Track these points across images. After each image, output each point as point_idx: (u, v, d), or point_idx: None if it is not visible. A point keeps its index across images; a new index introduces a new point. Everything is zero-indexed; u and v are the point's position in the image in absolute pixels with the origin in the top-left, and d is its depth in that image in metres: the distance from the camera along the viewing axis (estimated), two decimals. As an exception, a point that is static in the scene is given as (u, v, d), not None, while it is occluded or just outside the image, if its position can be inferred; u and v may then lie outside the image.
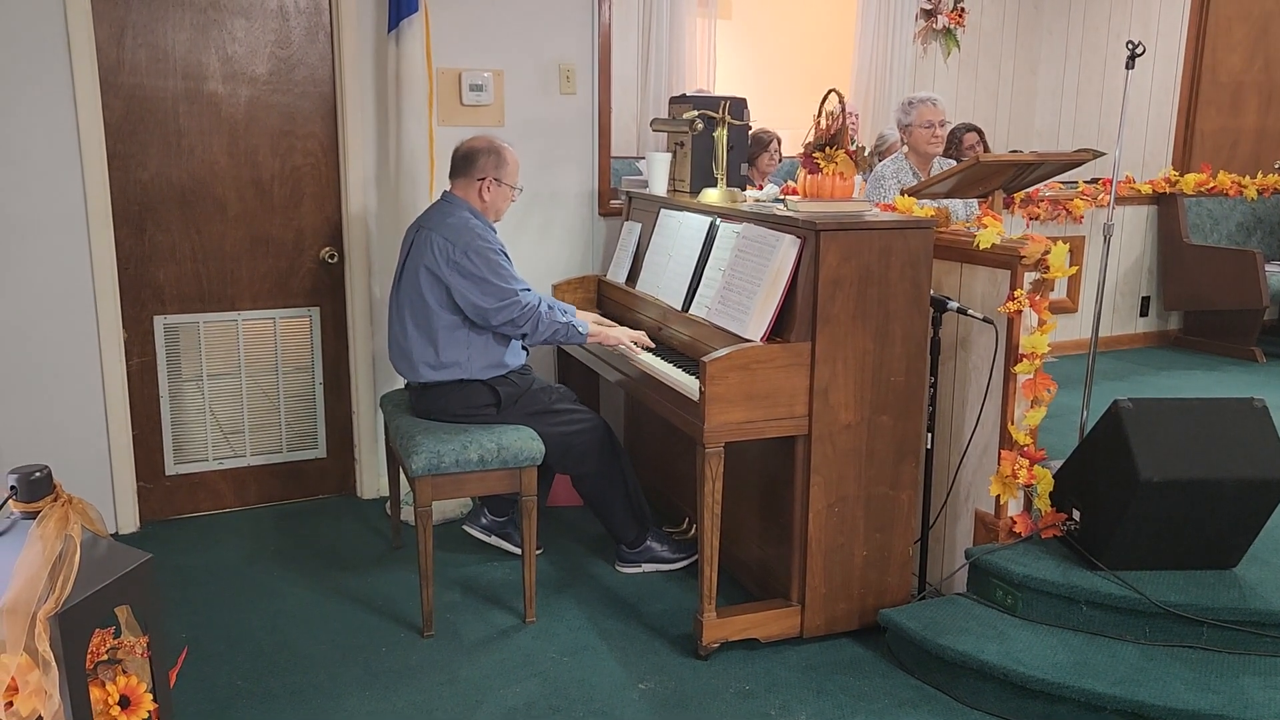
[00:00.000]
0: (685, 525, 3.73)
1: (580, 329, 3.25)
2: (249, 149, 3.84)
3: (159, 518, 3.93)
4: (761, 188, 4.56)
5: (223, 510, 4.03)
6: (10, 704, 1.61)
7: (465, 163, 3.29)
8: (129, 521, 3.84)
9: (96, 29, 3.53)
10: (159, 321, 3.82)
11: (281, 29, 3.81)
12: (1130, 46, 3.20)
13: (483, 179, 3.27)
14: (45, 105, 3.48)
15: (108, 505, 3.76)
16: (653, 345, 3.31)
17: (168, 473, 3.93)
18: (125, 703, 1.75)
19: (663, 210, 3.72)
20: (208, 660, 2.92)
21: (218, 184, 3.82)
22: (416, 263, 3.21)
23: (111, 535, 2.85)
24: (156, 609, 1.81)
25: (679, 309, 3.34)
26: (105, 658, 1.77)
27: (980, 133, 5.70)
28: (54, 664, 1.58)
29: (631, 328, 3.50)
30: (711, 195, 3.51)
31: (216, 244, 3.86)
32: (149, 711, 1.78)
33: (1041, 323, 2.92)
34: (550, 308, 3.24)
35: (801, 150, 3.06)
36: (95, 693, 1.72)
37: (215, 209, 3.83)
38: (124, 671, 1.77)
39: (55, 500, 1.70)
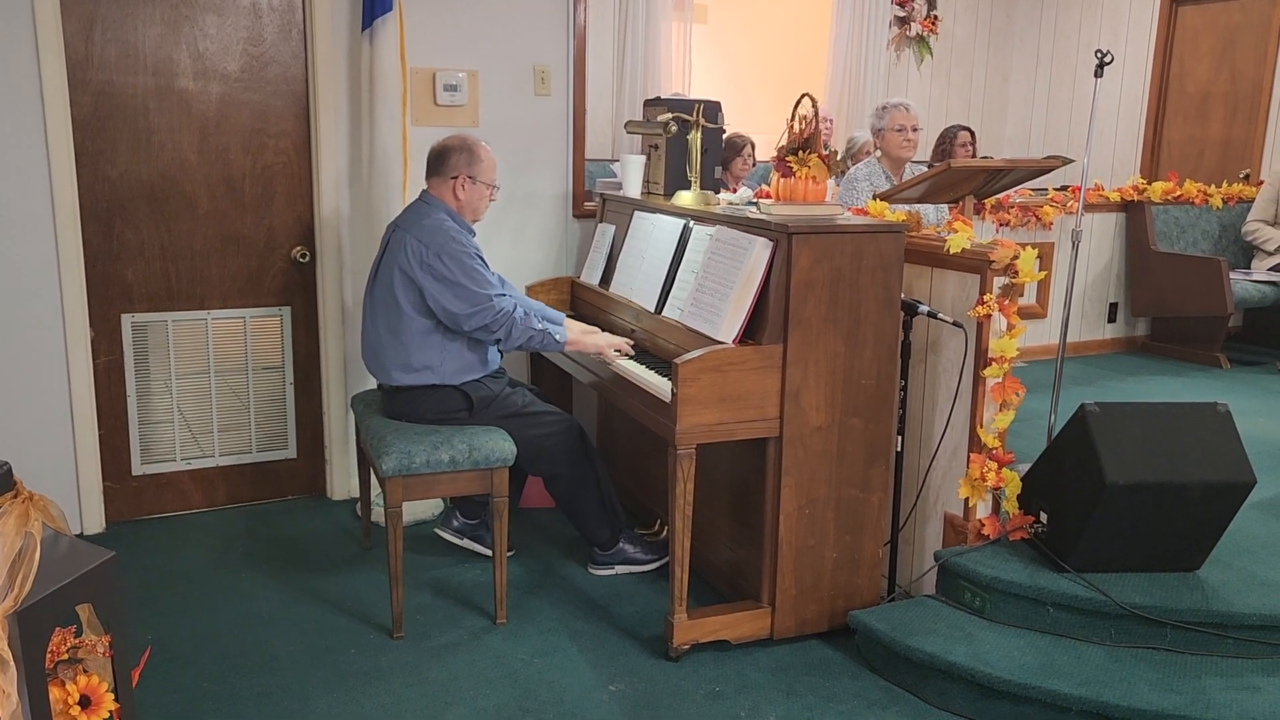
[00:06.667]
0: (657, 527, 3.73)
1: (557, 337, 3.22)
2: (220, 147, 3.81)
3: (125, 518, 3.88)
4: (735, 191, 4.58)
5: (191, 511, 3.99)
6: (-32, 704, 1.59)
7: (439, 161, 3.27)
8: (95, 522, 3.79)
9: (65, 23, 3.49)
10: (127, 320, 3.78)
11: (254, 26, 3.79)
12: (1099, 56, 3.24)
13: (456, 177, 3.25)
14: (11, 100, 3.43)
15: (73, 505, 3.71)
16: (632, 353, 3.28)
17: (134, 473, 3.88)
18: (86, 702, 1.73)
19: (636, 212, 3.72)
20: (174, 662, 2.89)
21: (188, 181, 3.79)
22: (391, 264, 3.19)
23: (76, 535, 2.81)
24: (119, 608, 1.79)
25: (652, 311, 3.35)
26: (66, 657, 1.75)
27: (972, 133, 5.78)
28: (12, 663, 1.56)
29: (604, 329, 3.50)
30: (685, 198, 3.52)
31: (186, 242, 3.82)
32: (110, 711, 1.76)
33: (1010, 327, 2.94)
34: (526, 313, 3.22)
35: (775, 154, 3.08)
36: (55, 692, 1.70)
37: (185, 207, 3.80)
38: (85, 671, 1.75)
39: (15, 497, 1.68)
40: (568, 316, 3.63)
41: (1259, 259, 5.58)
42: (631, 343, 3.32)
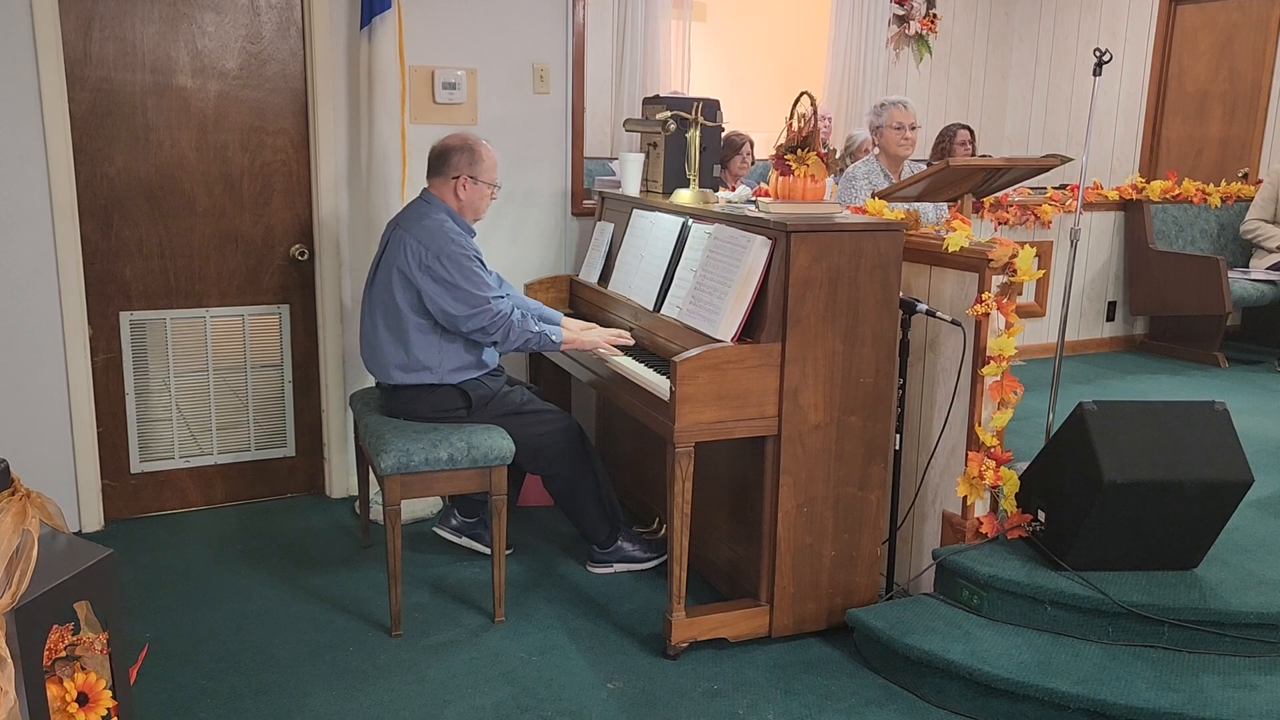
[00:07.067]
0: (655, 525, 3.73)
1: (554, 338, 3.22)
2: (218, 144, 3.81)
3: (124, 516, 3.88)
4: (734, 189, 4.58)
5: (189, 509, 3.99)
6: (-35, 701, 1.59)
7: (440, 161, 3.26)
8: (93, 520, 3.79)
9: (63, 21, 3.48)
10: (125, 317, 3.78)
11: (252, 24, 3.78)
12: (1098, 54, 3.24)
13: (457, 177, 3.24)
14: (9, 97, 3.43)
15: (71, 503, 3.71)
16: (632, 341, 3.31)
17: (133, 471, 3.88)
18: (83, 700, 1.73)
19: (635, 211, 3.72)
20: (172, 660, 2.89)
21: (186, 179, 3.78)
22: (390, 264, 3.18)
23: (75, 533, 2.81)
24: (117, 605, 1.79)
25: (650, 309, 3.35)
26: (63, 654, 1.74)
27: (971, 132, 5.78)
28: (10, 661, 1.56)
29: (605, 327, 3.50)
30: (684, 196, 3.52)
31: (184, 240, 3.82)
32: (108, 709, 1.75)
33: (1008, 325, 2.95)
34: (524, 315, 3.21)
35: (774, 153, 3.08)
36: (53, 690, 1.70)
37: (183, 204, 3.79)
38: (82, 668, 1.74)
39: (13, 494, 1.68)
40: (566, 315, 3.63)
41: (1257, 257, 5.58)
42: (628, 331, 3.33)
